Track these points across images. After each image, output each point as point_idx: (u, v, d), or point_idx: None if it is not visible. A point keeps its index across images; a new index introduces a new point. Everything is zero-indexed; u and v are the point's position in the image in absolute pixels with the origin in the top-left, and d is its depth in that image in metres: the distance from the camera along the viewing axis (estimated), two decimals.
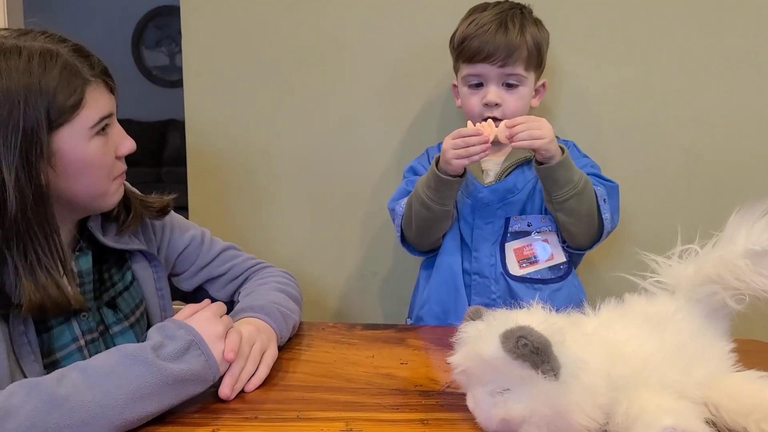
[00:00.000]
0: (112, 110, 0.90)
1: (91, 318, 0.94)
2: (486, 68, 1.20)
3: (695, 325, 0.77)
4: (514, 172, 1.24)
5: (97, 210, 0.94)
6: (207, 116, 1.56)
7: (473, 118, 1.23)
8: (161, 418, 0.77)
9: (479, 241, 1.24)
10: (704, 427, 0.66)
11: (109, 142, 0.90)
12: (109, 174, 0.90)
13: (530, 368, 0.65)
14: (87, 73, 0.85)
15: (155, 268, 1.05)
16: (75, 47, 0.87)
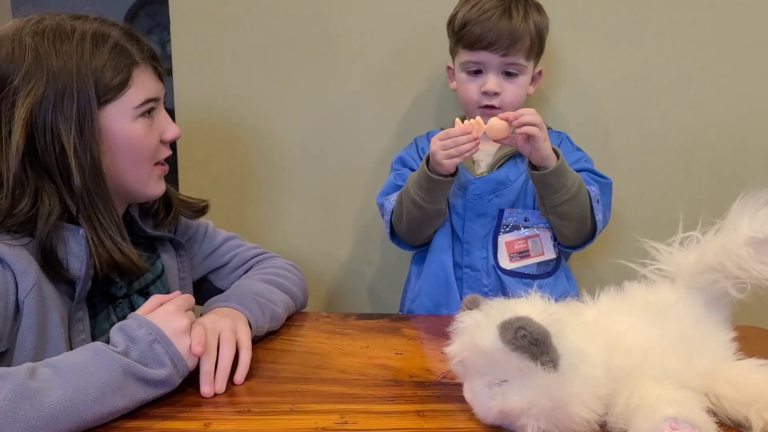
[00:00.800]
0: (158, 95, 0.94)
1: (126, 304, 0.97)
2: (487, 56, 1.17)
3: (696, 314, 0.76)
4: (506, 163, 1.22)
5: (139, 197, 0.97)
6: (197, 105, 1.53)
7: (470, 105, 1.21)
8: (152, 412, 0.76)
9: (471, 234, 1.22)
10: (706, 417, 0.64)
11: (155, 125, 0.93)
12: (152, 156, 0.94)
13: (529, 360, 0.64)
14: (136, 55, 0.90)
15: (180, 258, 1.08)
16: (126, 31, 0.92)
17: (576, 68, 1.40)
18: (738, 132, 1.39)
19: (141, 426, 0.73)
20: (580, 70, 1.40)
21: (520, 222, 1.21)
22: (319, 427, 0.72)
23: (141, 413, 0.75)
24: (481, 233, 1.21)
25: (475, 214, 1.21)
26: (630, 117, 1.42)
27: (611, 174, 1.26)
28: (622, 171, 1.41)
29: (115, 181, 0.91)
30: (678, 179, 1.41)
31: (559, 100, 1.41)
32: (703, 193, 1.40)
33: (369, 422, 0.74)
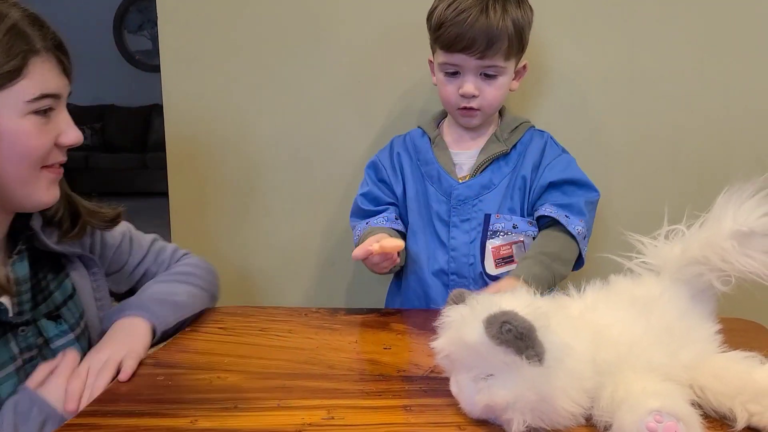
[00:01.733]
0: (60, 91, 0.83)
1: (30, 333, 0.87)
2: (463, 59, 1.12)
3: (681, 307, 0.76)
4: (489, 167, 1.19)
5: (24, 204, 0.86)
6: (186, 101, 1.53)
7: (449, 106, 1.20)
8: (137, 410, 0.76)
9: (457, 240, 1.19)
10: (690, 409, 0.64)
11: (50, 125, 0.83)
12: (39, 159, 0.82)
13: (514, 354, 0.64)
14: (37, 43, 0.79)
15: (93, 276, 0.98)
16: (30, 15, 0.81)
17: (562, 65, 1.40)
18: (724, 128, 1.39)
19: (127, 424, 0.72)
20: (566, 67, 1.40)
21: (508, 229, 1.18)
22: (306, 423, 0.72)
23: (127, 411, 0.75)
24: (467, 239, 1.19)
25: (459, 220, 1.19)
26: (616, 113, 1.42)
27: (597, 169, 1.27)
28: (607, 166, 1.42)
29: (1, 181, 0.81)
30: (664, 175, 1.42)
31: (544, 96, 1.41)
32: (688, 189, 1.40)
33: (356, 417, 0.74)
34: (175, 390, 0.82)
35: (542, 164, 1.19)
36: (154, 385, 0.83)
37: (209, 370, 0.88)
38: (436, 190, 1.20)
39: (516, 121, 1.24)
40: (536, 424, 0.67)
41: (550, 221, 1.15)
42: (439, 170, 1.20)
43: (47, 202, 0.87)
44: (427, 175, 1.22)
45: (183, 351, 0.96)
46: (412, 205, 1.23)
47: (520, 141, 1.21)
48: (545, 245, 1.13)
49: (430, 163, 1.22)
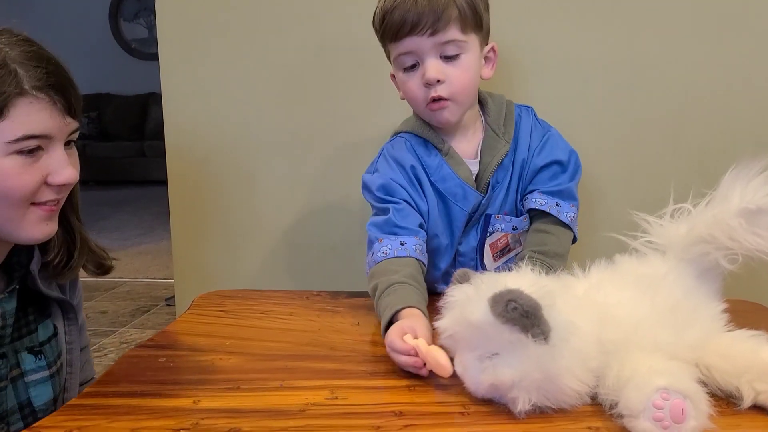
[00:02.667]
0: (51, 133, 0.80)
1: (4, 365, 0.86)
2: (415, 41, 1.00)
3: (687, 286, 0.75)
4: (495, 173, 1.11)
5: (14, 239, 0.84)
6: (184, 88, 1.51)
7: (418, 105, 1.07)
8: (140, 390, 0.75)
9: (466, 245, 1.13)
10: (697, 387, 0.64)
11: (38, 165, 0.80)
12: (23, 198, 0.80)
13: (520, 332, 0.63)
14: (25, 83, 0.77)
15: (68, 321, 0.96)
16: (29, 52, 0.79)
17: (562, 50, 1.38)
18: (726, 108, 1.38)
19: (129, 404, 0.72)
20: (567, 52, 1.39)
21: (507, 230, 1.13)
22: (310, 403, 0.72)
23: (129, 391, 0.75)
24: (473, 243, 1.14)
25: (471, 226, 1.13)
26: (617, 94, 1.40)
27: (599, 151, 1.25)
28: (610, 148, 1.41)
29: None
30: (667, 155, 1.41)
31: (545, 82, 1.40)
32: (690, 172, 1.39)
33: (359, 397, 0.73)
34: (176, 371, 0.82)
35: (531, 147, 1.12)
36: (155, 367, 0.83)
37: (211, 351, 0.87)
38: (461, 208, 1.09)
39: (499, 105, 1.15)
40: (541, 402, 0.67)
41: (542, 212, 1.11)
42: (464, 188, 1.08)
43: (37, 239, 0.84)
44: (450, 193, 1.09)
45: (184, 333, 0.96)
46: (434, 227, 1.11)
47: (514, 129, 1.14)
48: (540, 242, 1.09)
49: (448, 179, 1.09)
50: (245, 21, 1.47)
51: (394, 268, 0.99)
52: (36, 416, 0.89)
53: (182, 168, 1.55)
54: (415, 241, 1.04)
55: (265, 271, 1.57)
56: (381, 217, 1.07)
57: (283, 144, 1.52)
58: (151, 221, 4.85)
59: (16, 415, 0.88)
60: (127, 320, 2.76)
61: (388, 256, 1.02)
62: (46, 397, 0.91)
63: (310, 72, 1.47)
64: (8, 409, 0.87)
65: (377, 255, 1.03)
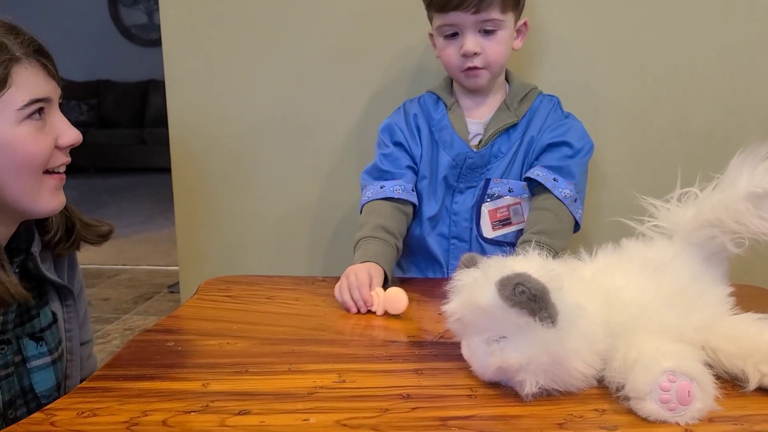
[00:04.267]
0: (49, 95, 0.83)
1: (9, 351, 0.87)
2: (459, 16, 1.10)
3: (693, 270, 0.76)
4: (499, 137, 1.18)
5: (29, 213, 0.85)
6: (187, 74, 1.51)
7: (453, 70, 1.17)
8: (149, 374, 0.76)
9: (460, 205, 1.19)
10: (704, 369, 0.65)
11: (47, 129, 0.83)
12: (41, 165, 0.82)
13: (527, 316, 0.63)
14: (16, 50, 0.79)
15: (67, 307, 0.97)
16: (7, 25, 0.81)
17: (570, 30, 1.38)
18: (733, 91, 1.38)
19: (139, 387, 0.72)
20: (572, 30, 1.38)
21: (504, 192, 1.18)
22: (318, 386, 0.72)
23: (139, 375, 0.75)
24: (469, 204, 1.19)
25: (465, 186, 1.19)
26: (624, 76, 1.40)
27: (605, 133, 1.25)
28: (616, 131, 1.41)
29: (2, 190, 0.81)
30: (673, 139, 1.41)
31: (551, 60, 1.39)
32: (696, 154, 1.39)
33: (367, 381, 0.74)
34: (185, 355, 0.82)
35: (544, 126, 1.19)
36: (163, 351, 0.83)
37: (218, 336, 0.88)
38: (448, 155, 1.19)
39: (524, 88, 1.22)
40: (549, 385, 0.67)
41: (538, 186, 1.15)
42: (453, 136, 1.19)
43: (54, 209, 0.87)
44: (441, 140, 1.20)
45: (191, 318, 0.97)
46: (423, 169, 1.21)
47: (529, 109, 1.20)
48: (538, 220, 1.13)
49: (444, 128, 1.20)
50: (248, 8, 1.47)
51: (368, 219, 1.16)
52: (39, 402, 0.90)
53: (186, 155, 1.55)
54: (395, 183, 1.19)
55: (269, 257, 1.58)
56: (370, 164, 1.23)
57: (286, 131, 1.52)
58: (151, 209, 4.85)
59: (19, 400, 0.89)
60: (130, 307, 2.77)
61: (369, 199, 1.19)
62: (48, 383, 0.92)
63: (313, 60, 1.47)
64: (14, 395, 0.88)
65: (362, 200, 1.20)
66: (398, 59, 1.45)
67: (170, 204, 1.61)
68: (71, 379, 0.96)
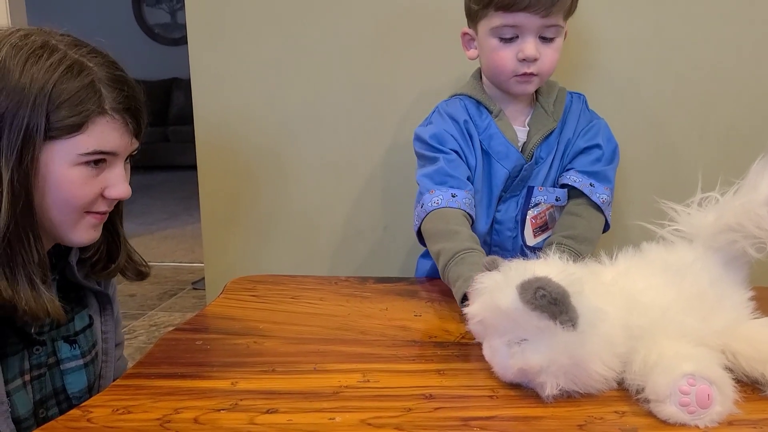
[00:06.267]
0: (118, 151, 0.85)
1: (44, 352, 0.90)
2: (526, 18, 1.05)
3: (714, 274, 0.76)
4: (542, 144, 1.16)
5: (62, 240, 0.89)
6: (212, 73, 1.54)
7: (503, 75, 1.12)
8: (180, 372, 0.78)
9: (504, 213, 1.17)
10: (723, 373, 0.65)
11: (99, 177, 0.85)
12: (82, 207, 0.85)
13: (548, 319, 0.65)
14: (107, 104, 0.82)
15: (105, 313, 1.01)
16: (114, 76, 0.84)
17: (589, 28, 1.38)
18: (754, 93, 1.37)
19: (170, 385, 0.75)
20: (593, 30, 1.38)
21: (551, 201, 1.16)
22: (343, 385, 0.74)
23: (169, 373, 0.78)
24: (512, 213, 1.17)
25: (511, 194, 1.17)
26: (645, 78, 1.40)
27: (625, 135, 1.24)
28: (636, 133, 1.41)
29: (41, 217, 0.83)
30: (693, 141, 1.40)
31: (572, 60, 1.39)
32: (719, 156, 1.39)
33: (391, 380, 0.76)
34: (214, 354, 0.85)
35: (577, 129, 1.18)
36: (193, 349, 0.86)
37: (245, 335, 0.90)
38: (505, 167, 1.14)
39: (552, 86, 1.21)
40: (569, 387, 0.68)
41: (573, 190, 1.15)
42: (508, 147, 1.14)
43: (83, 243, 0.90)
44: (493, 151, 1.14)
45: (218, 317, 0.99)
46: (476, 182, 1.16)
47: (562, 110, 1.19)
48: (571, 225, 1.13)
49: (494, 137, 1.14)
50: (272, 7, 1.48)
51: (451, 227, 1.05)
52: (70, 403, 0.93)
53: (211, 153, 1.58)
54: (465, 194, 1.10)
55: (293, 255, 1.60)
56: (431, 167, 1.12)
57: (310, 129, 1.53)
58: (175, 206, 4.92)
59: (51, 401, 0.92)
60: (155, 303, 2.83)
61: (439, 206, 1.08)
62: (80, 384, 0.95)
63: (337, 58, 1.49)
64: (46, 395, 0.91)
65: (428, 205, 1.09)
66: (420, 58, 1.46)
67: (193, 201, 1.64)
68: (105, 379, 0.99)
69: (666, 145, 1.41)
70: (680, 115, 1.40)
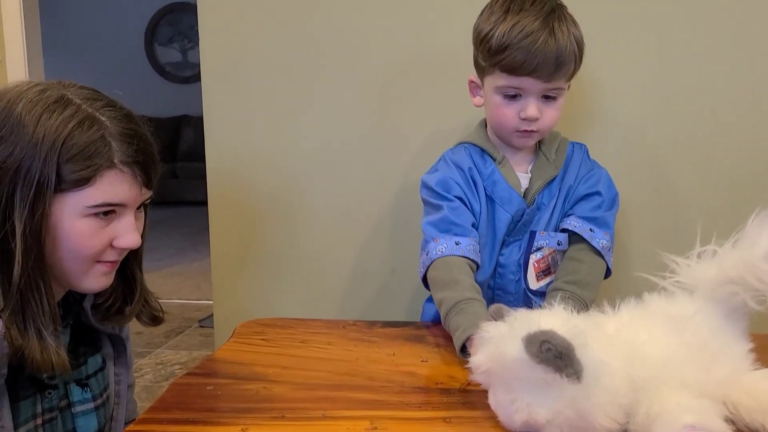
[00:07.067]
0: (127, 202, 0.87)
1: (56, 395, 0.91)
2: (529, 82, 1.09)
3: (715, 325, 0.78)
4: (544, 190, 1.20)
5: (74, 288, 0.91)
6: (225, 113, 1.58)
7: (505, 129, 1.16)
8: (191, 418, 0.80)
9: (507, 257, 1.20)
10: (723, 424, 0.67)
11: (108, 228, 0.87)
12: (91, 257, 0.87)
13: (554, 372, 0.66)
14: (116, 157, 0.84)
15: (117, 354, 1.02)
16: (126, 130, 0.86)
17: (592, 75, 1.42)
18: (755, 140, 1.40)
19: (181, 431, 0.76)
20: (595, 77, 1.42)
21: (553, 245, 1.19)
22: None
23: (181, 419, 0.79)
24: (515, 257, 1.20)
25: (513, 239, 1.20)
26: (646, 124, 1.43)
27: (627, 181, 1.27)
28: (637, 179, 1.44)
29: (52, 267, 0.86)
30: (694, 187, 1.43)
31: (575, 108, 1.43)
32: (720, 202, 1.41)
33: (398, 428, 0.77)
34: (224, 399, 0.86)
35: (579, 176, 1.22)
36: (204, 395, 0.87)
37: (255, 380, 0.91)
38: (508, 212, 1.17)
39: (554, 135, 1.24)
40: None
41: (573, 236, 1.18)
42: (510, 192, 1.17)
43: (94, 290, 0.92)
44: (497, 196, 1.18)
45: (229, 362, 1.01)
46: (481, 227, 1.19)
47: (564, 158, 1.23)
48: (573, 270, 1.16)
49: (497, 183, 1.18)
50: (285, 46, 1.53)
51: (453, 276, 1.08)
52: None
53: (222, 191, 1.61)
54: (469, 241, 1.13)
55: (302, 296, 1.62)
56: (436, 216, 1.15)
57: (319, 172, 1.57)
58: (182, 242, 4.95)
59: None
60: (162, 341, 2.83)
61: (443, 254, 1.11)
62: (91, 427, 0.96)
63: (347, 103, 1.53)
64: None
65: (432, 253, 1.12)
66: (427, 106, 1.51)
67: (201, 237, 1.67)
68: (116, 421, 1.01)
69: (668, 193, 1.44)
70: (682, 164, 1.43)
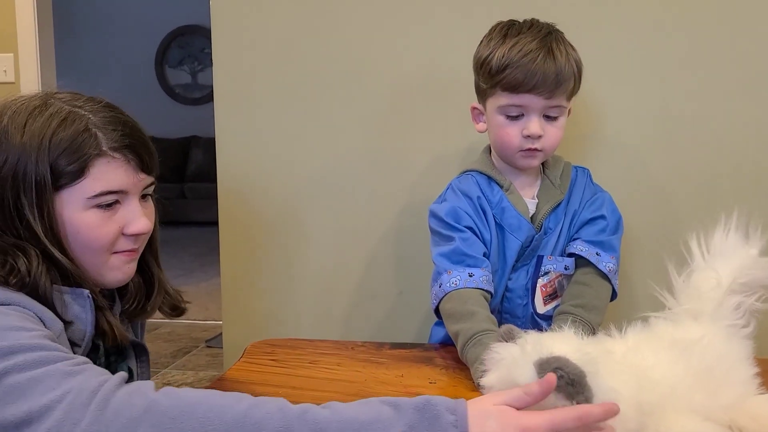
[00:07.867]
0: (127, 188, 0.88)
1: None
2: (530, 99, 1.11)
3: (720, 350, 0.79)
4: (551, 215, 1.21)
5: (98, 284, 0.92)
6: (236, 134, 1.60)
7: (510, 150, 1.17)
8: None
9: (515, 282, 1.21)
10: None
11: (116, 217, 0.88)
12: (104, 248, 0.89)
13: (565, 399, 0.67)
14: (104, 145, 0.86)
15: (141, 363, 1.03)
16: (108, 118, 0.88)
17: (594, 99, 1.43)
18: (758, 164, 1.42)
19: None
20: (598, 101, 1.44)
21: (560, 270, 1.21)
22: None
23: None
24: (522, 282, 1.21)
25: (521, 264, 1.21)
26: (648, 148, 1.45)
27: (631, 206, 1.29)
28: (642, 204, 1.45)
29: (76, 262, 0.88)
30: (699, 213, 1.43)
31: (578, 132, 1.44)
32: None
33: None
34: None
35: (583, 200, 1.23)
36: None
37: None
38: (518, 239, 1.18)
39: (557, 160, 1.26)
40: None
41: (580, 259, 1.20)
42: (519, 219, 1.18)
43: (120, 280, 0.94)
44: (507, 224, 1.19)
45: (239, 381, 1.02)
46: (492, 256, 1.19)
47: (569, 183, 1.24)
48: (579, 294, 1.17)
49: (506, 211, 1.19)
50: (295, 69, 1.56)
51: (469, 308, 1.08)
52: None
53: (233, 211, 1.63)
54: (482, 272, 1.13)
55: (310, 316, 1.63)
56: (448, 247, 1.15)
57: (327, 193, 1.59)
58: (190, 262, 4.96)
59: None
60: (169, 361, 2.84)
61: (457, 287, 1.11)
62: None
63: (358, 121, 1.55)
64: None
65: (446, 285, 1.12)
66: (431, 128, 1.53)
67: (208, 257, 1.69)
68: None
69: (671, 217, 1.45)
70: (685, 188, 1.45)
